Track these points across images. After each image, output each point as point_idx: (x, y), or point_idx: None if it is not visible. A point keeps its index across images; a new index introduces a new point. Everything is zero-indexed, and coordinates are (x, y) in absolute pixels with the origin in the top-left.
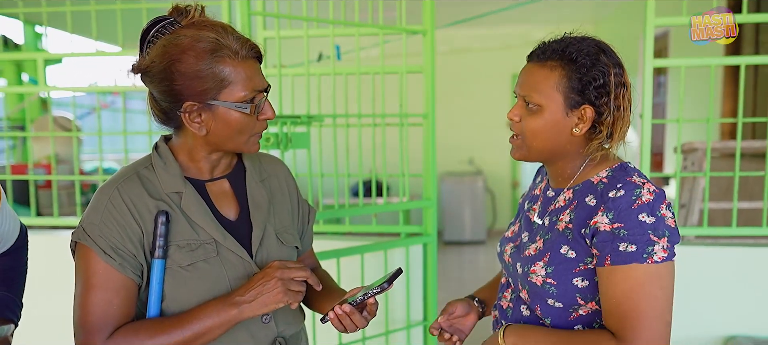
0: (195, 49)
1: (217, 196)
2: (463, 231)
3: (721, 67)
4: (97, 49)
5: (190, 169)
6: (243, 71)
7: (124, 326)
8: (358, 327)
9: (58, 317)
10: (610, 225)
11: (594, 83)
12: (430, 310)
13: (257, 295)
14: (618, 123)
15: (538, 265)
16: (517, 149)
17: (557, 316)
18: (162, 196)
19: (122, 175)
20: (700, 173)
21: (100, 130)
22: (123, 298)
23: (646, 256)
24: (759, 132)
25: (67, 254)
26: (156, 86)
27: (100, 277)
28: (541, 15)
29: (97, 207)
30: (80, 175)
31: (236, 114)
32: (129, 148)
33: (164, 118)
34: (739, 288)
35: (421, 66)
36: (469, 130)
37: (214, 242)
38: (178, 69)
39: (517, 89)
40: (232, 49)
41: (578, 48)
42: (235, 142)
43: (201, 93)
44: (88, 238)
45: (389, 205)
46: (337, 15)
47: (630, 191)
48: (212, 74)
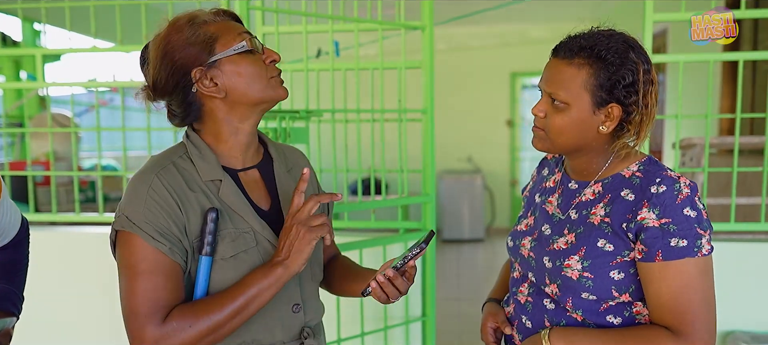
0: (175, 27)
1: (249, 185)
2: (461, 229)
3: (720, 64)
4: (95, 45)
5: (222, 157)
6: (224, 26)
7: (176, 308)
8: (401, 292)
9: (57, 312)
10: (658, 220)
11: (623, 82)
12: (428, 305)
13: (290, 248)
14: (645, 121)
15: (572, 259)
16: (540, 140)
17: (588, 309)
18: (200, 186)
19: (158, 164)
20: (698, 169)
21: (98, 126)
22: (173, 282)
23: (696, 250)
24: (757, 128)
25: (65, 250)
26: (165, 86)
27: (150, 262)
28: (540, 13)
29: (138, 195)
30: (78, 172)
31: (243, 62)
32: (127, 146)
33: (185, 110)
34: (737, 284)
35: (420, 61)
36: (467, 128)
37: (253, 232)
38: (170, 50)
39: (543, 86)
40: (207, 14)
41: (607, 45)
42: (254, 90)
43: (198, 56)
44: (133, 225)
45: (388, 201)
46: (335, 11)
47: (671, 186)
48: (199, 36)
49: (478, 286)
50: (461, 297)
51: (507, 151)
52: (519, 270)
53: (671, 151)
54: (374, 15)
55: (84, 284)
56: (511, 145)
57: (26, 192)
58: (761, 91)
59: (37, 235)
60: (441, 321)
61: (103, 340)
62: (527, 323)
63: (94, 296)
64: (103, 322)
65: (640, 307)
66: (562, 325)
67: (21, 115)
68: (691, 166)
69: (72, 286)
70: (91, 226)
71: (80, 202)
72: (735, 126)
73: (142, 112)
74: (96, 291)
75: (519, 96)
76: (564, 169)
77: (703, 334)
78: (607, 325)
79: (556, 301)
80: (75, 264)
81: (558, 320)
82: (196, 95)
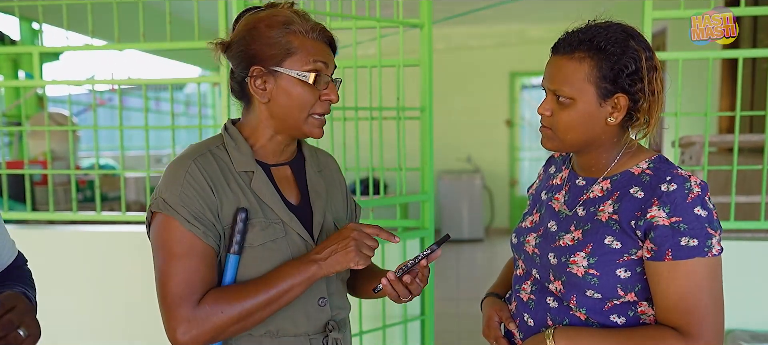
0: (270, 19)
1: (280, 180)
2: (461, 229)
3: (719, 62)
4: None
5: (257, 152)
6: (310, 46)
7: (210, 291)
8: (413, 294)
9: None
10: (668, 219)
11: (626, 71)
12: (427, 304)
13: (331, 254)
14: (653, 108)
15: (578, 256)
16: (549, 140)
17: (592, 307)
18: (234, 175)
19: (196, 151)
20: (697, 167)
21: (95, 125)
22: (207, 265)
23: (707, 250)
24: (757, 126)
25: (64, 249)
26: (234, 56)
27: (185, 245)
28: (538, 13)
29: (176, 178)
30: (76, 170)
31: (298, 87)
32: (127, 145)
33: (238, 90)
34: (736, 282)
35: (418, 60)
36: (467, 128)
37: (282, 223)
38: (252, 35)
39: (547, 84)
40: (304, 26)
41: (606, 36)
42: (294, 117)
43: (268, 58)
44: (170, 208)
45: (386, 199)
46: (333, 8)
47: (681, 184)
48: (281, 42)
49: (477, 286)
50: (460, 297)
51: (506, 151)
52: (522, 267)
53: (671, 150)
54: (372, 13)
55: (82, 283)
56: (510, 144)
57: (24, 191)
58: (761, 89)
59: (35, 234)
60: (440, 321)
61: (102, 339)
62: (529, 321)
63: (92, 295)
64: (101, 321)
65: (644, 307)
66: (565, 324)
67: (19, 115)
68: (690, 165)
69: (70, 284)
70: (88, 225)
71: (79, 201)
72: (734, 124)
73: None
74: (95, 290)
75: (518, 96)
76: (571, 166)
77: (711, 336)
78: (611, 324)
79: (559, 299)
80: (72, 263)
81: (561, 319)
82: (248, 85)
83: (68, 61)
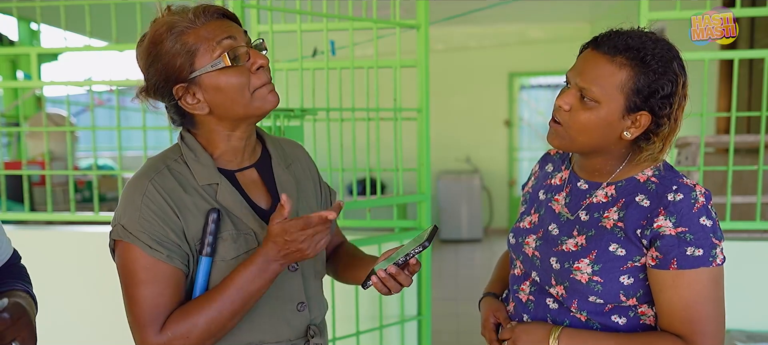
0: (155, 37)
1: (248, 185)
2: (459, 229)
3: (716, 63)
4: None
5: (218, 159)
6: (204, 32)
7: (172, 313)
8: (404, 285)
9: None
10: (675, 229)
11: (661, 92)
12: (424, 304)
13: (284, 258)
14: (670, 136)
15: (582, 262)
16: (558, 137)
17: (594, 310)
18: (197, 189)
19: (152, 169)
20: (694, 168)
21: (93, 125)
22: (173, 288)
23: (711, 260)
24: (753, 127)
25: (62, 250)
26: (155, 92)
27: (149, 271)
28: (537, 13)
29: (132, 202)
30: (74, 171)
31: (222, 77)
32: (123, 145)
33: (179, 117)
34: (732, 282)
35: (415, 60)
36: (465, 128)
37: (254, 233)
38: (152, 62)
39: (575, 78)
40: (187, 19)
41: (653, 50)
42: (239, 104)
43: (179, 72)
44: (130, 235)
45: (383, 200)
46: (330, 9)
47: (687, 194)
48: (178, 50)
49: (475, 286)
50: (459, 297)
51: (505, 152)
52: (520, 267)
53: None
54: (369, 14)
55: (80, 283)
56: (509, 145)
57: (22, 192)
58: (757, 90)
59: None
60: (439, 321)
61: (99, 340)
62: (528, 322)
63: (90, 295)
64: (99, 322)
65: (644, 308)
66: (565, 324)
67: (17, 116)
68: (686, 165)
69: (68, 285)
70: (87, 226)
71: (77, 201)
72: (730, 124)
73: (138, 111)
74: (92, 290)
75: (517, 96)
76: (572, 167)
77: (713, 344)
78: (612, 324)
79: (560, 302)
80: (71, 263)
81: (561, 319)
82: (183, 106)
83: (66, 62)
